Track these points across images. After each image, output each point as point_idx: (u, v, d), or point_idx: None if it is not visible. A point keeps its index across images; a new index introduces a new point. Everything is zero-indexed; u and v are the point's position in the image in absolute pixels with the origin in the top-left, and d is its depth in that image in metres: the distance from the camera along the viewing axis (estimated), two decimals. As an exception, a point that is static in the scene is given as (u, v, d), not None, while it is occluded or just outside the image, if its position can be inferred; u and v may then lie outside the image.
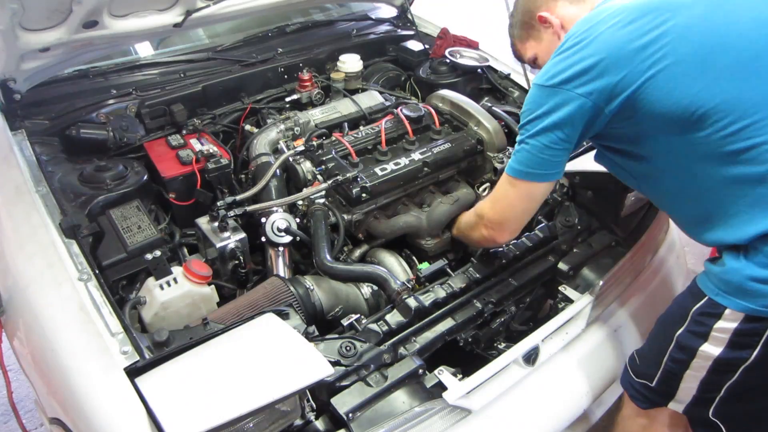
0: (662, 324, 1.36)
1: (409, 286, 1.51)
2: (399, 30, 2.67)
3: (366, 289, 1.65)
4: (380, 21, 2.70)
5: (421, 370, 1.35)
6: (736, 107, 1.12)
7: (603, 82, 1.18)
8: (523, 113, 1.30)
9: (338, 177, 1.70)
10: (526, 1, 1.49)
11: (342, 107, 2.17)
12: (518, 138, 1.32)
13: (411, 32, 2.65)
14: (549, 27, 1.44)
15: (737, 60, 1.14)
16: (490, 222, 1.46)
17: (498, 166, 1.93)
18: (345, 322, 1.42)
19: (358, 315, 1.44)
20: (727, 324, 1.16)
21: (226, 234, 1.63)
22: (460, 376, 1.35)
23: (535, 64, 1.56)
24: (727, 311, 1.15)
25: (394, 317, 1.42)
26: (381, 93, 2.30)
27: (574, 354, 1.54)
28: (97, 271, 1.37)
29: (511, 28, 1.59)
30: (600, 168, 1.49)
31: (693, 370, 1.24)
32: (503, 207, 1.42)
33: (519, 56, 1.63)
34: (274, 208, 1.71)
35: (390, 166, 1.79)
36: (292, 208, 1.78)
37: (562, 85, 1.21)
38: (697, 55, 1.14)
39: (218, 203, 1.66)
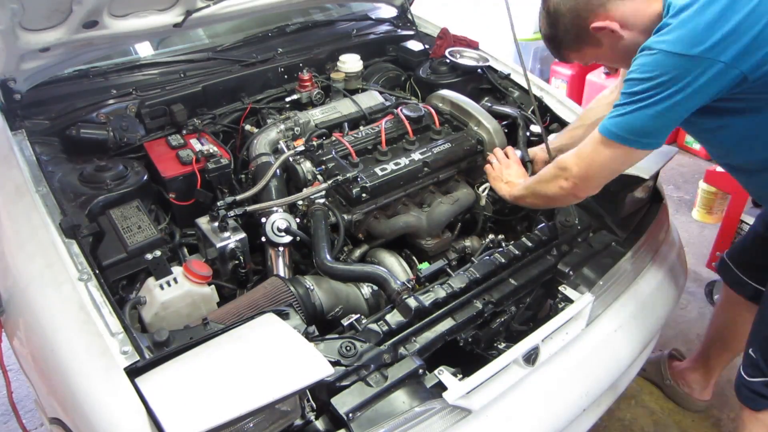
0: None
1: (409, 286, 1.51)
2: (399, 30, 2.67)
3: (366, 289, 1.65)
4: (380, 21, 2.70)
5: (421, 370, 1.34)
6: None
7: (757, 48, 1.13)
8: (643, 79, 1.22)
9: (338, 177, 1.70)
10: (571, 16, 1.36)
11: (342, 107, 2.17)
12: (626, 100, 1.26)
13: (411, 32, 2.65)
14: (607, 32, 1.34)
15: None
16: (574, 177, 1.42)
17: (498, 166, 1.93)
18: (345, 322, 1.42)
19: (358, 315, 1.44)
20: None
21: (226, 234, 1.63)
22: (460, 376, 1.35)
23: (606, 65, 1.50)
24: None
25: (394, 317, 1.42)
26: (381, 93, 2.30)
27: (574, 354, 1.54)
28: (97, 271, 1.36)
29: (555, 41, 1.46)
30: None
31: None
32: (592, 166, 1.38)
33: (569, 61, 1.57)
34: (274, 208, 1.71)
35: (390, 166, 1.79)
36: (292, 208, 1.78)
37: (706, 52, 1.14)
38: None
39: (218, 203, 1.66)
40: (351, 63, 2.34)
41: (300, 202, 1.76)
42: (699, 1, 1.18)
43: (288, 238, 1.68)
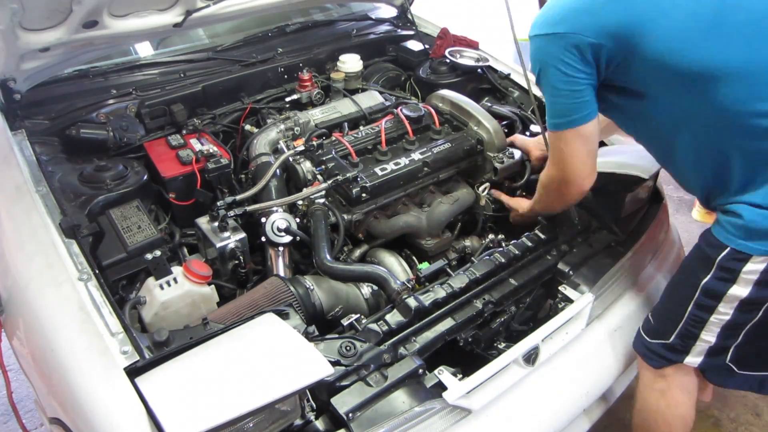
0: (681, 280, 1.47)
1: (409, 286, 1.51)
2: (399, 30, 2.67)
3: (366, 289, 1.65)
4: (380, 21, 2.70)
5: (421, 370, 1.35)
6: (753, 69, 1.19)
7: (596, 18, 1.24)
8: (533, 67, 1.36)
9: (338, 177, 1.70)
10: None
11: (342, 107, 2.17)
12: (543, 93, 1.38)
13: (411, 32, 2.65)
14: None
15: (748, 19, 1.20)
16: (564, 178, 1.47)
17: (498, 166, 1.93)
18: (345, 322, 1.42)
19: (358, 315, 1.44)
20: (754, 266, 1.27)
21: (226, 234, 1.63)
22: (460, 376, 1.35)
23: None
24: (752, 258, 1.27)
25: (394, 317, 1.42)
26: (381, 93, 2.30)
27: (574, 354, 1.54)
28: (97, 271, 1.36)
29: None
30: (600, 168, 1.49)
31: (718, 314, 1.36)
32: (566, 160, 1.44)
33: None
34: (274, 208, 1.71)
35: (390, 166, 1.79)
36: (292, 208, 1.78)
37: (552, 28, 1.28)
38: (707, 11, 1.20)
39: (218, 203, 1.66)
40: (351, 63, 2.34)
41: (300, 202, 1.76)
42: None
43: (288, 238, 1.68)
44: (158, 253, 1.53)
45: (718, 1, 1.21)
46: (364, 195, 1.71)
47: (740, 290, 1.31)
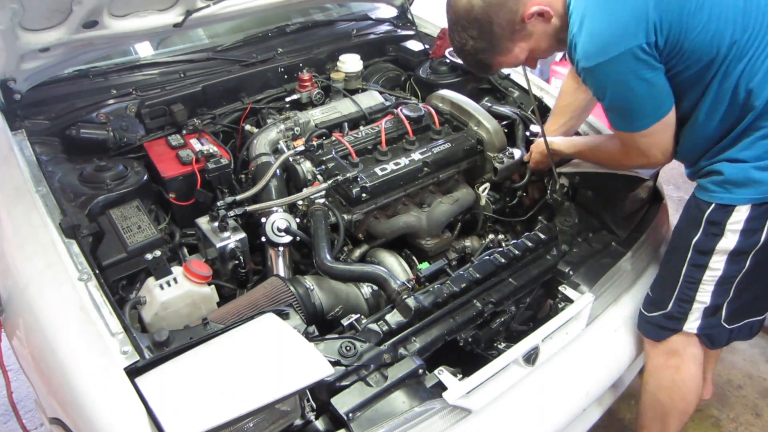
0: (672, 247, 1.57)
1: (409, 286, 1.50)
2: (399, 30, 2.67)
3: (366, 289, 1.65)
4: (380, 21, 2.70)
5: (421, 370, 1.35)
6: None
7: (646, 21, 1.26)
8: (603, 93, 1.38)
9: (338, 177, 1.70)
10: (498, 14, 1.40)
11: (342, 107, 2.17)
12: (616, 110, 1.41)
13: (411, 32, 2.65)
14: (537, 19, 1.40)
15: None
16: (650, 163, 1.51)
17: (498, 166, 1.93)
18: (345, 322, 1.42)
19: (358, 315, 1.44)
20: (738, 215, 1.37)
21: (226, 234, 1.63)
22: (460, 376, 1.35)
23: (531, 61, 1.52)
24: (736, 207, 1.37)
25: (394, 317, 1.42)
26: (381, 93, 2.30)
27: (574, 354, 1.54)
28: (97, 271, 1.36)
29: (483, 53, 1.48)
30: (599, 168, 1.50)
31: (710, 270, 1.45)
32: (653, 151, 1.45)
33: (496, 71, 1.67)
34: (274, 208, 1.71)
35: (390, 166, 1.79)
36: (292, 208, 1.78)
37: (617, 50, 1.28)
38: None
39: (218, 203, 1.66)
40: (351, 63, 2.34)
41: (300, 202, 1.76)
42: (590, 9, 1.31)
43: (288, 238, 1.68)
44: (158, 253, 1.53)
45: None
46: (364, 195, 1.71)
47: (728, 242, 1.40)
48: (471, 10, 1.40)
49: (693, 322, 1.54)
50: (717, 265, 1.45)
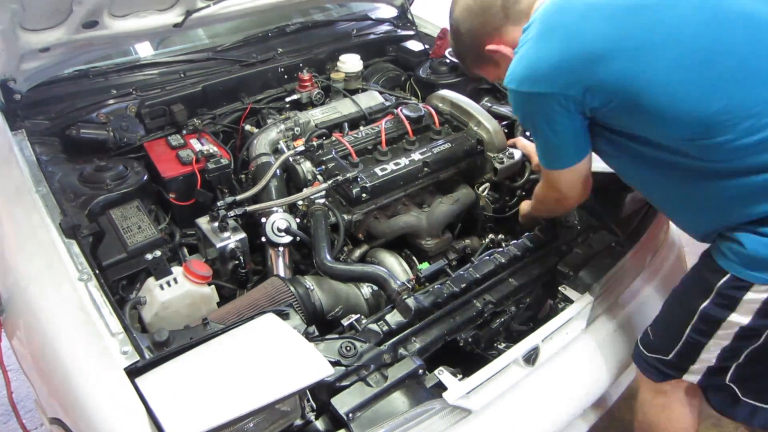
0: (680, 300, 1.43)
1: (409, 286, 1.50)
2: (399, 30, 2.67)
3: (366, 289, 1.65)
4: (380, 21, 2.70)
5: (421, 370, 1.34)
6: (741, 108, 1.14)
7: (582, 73, 1.19)
8: (518, 115, 1.40)
9: (338, 177, 1.70)
10: (468, 38, 1.45)
11: (342, 107, 2.17)
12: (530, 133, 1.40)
13: (411, 32, 2.65)
14: (501, 55, 1.42)
15: (737, 62, 1.15)
16: (560, 199, 1.50)
17: (498, 166, 1.93)
18: (345, 322, 1.42)
19: (358, 315, 1.44)
20: (756, 295, 1.22)
21: (226, 234, 1.63)
22: (460, 376, 1.35)
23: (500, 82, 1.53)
24: (753, 286, 1.21)
25: (394, 317, 1.42)
26: (381, 93, 2.29)
27: (574, 354, 1.54)
28: (97, 271, 1.36)
29: (460, 57, 1.58)
30: (600, 168, 1.49)
31: (717, 338, 1.32)
32: (560, 190, 1.46)
33: (477, 76, 1.67)
34: (274, 208, 1.71)
35: (390, 166, 1.79)
36: (292, 208, 1.78)
37: (531, 88, 1.25)
38: (694, 56, 1.15)
39: (218, 203, 1.66)
40: (351, 63, 2.34)
41: (300, 202, 1.76)
42: (528, 34, 1.27)
43: (288, 238, 1.68)
44: (158, 253, 1.53)
45: (703, 47, 1.16)
46: (364, 195, 1.71)
47: (740, 318, 1.26)
48: (450, 14, 1.49)
49: (694, 375, 1.42)
50: (725, 335, 1.31)
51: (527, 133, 2.09)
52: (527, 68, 1.26)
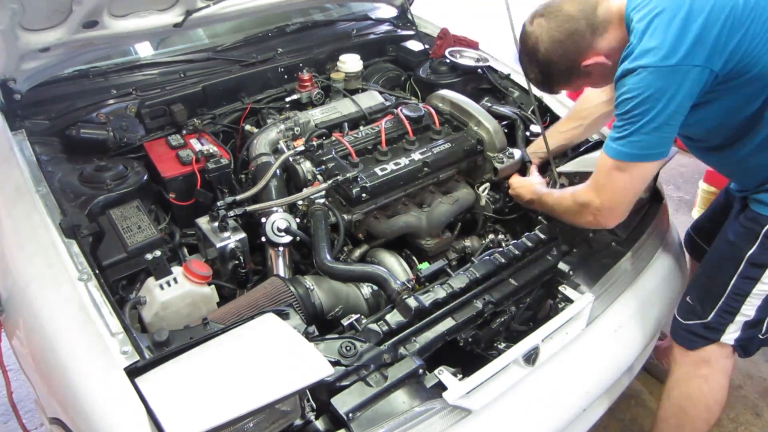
0: (723, 256, 1.54)
1: (409, 286, 1.51)
2: (399, 30, 2.67)
3: (366, 289, 1.65)
4: (380, 21, 2.70)
5: (421, 370, 1.34)
6: None
7: (723, 46, 1.26)
8: (634, 97, 1.30)
9: (338, 177, 1.70)
10: (563, 64, 1.45)
11: (342, 107, 2.17)
12: (625, 121, 1.34)
13: (411, 32, 2.65)
14: (596, 65, 1.44)
15: None
16: (600, 210, 1.46)
17: (498, 166, 1.93)
18: (345, 322, 1.42)
19: (358, 315, 1.44)
20: None
21: (226, 234, 1.63)
22: (460, 376, 1.35)
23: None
24: None
25: (394, 317, 1.42)
26: (381, 93, 2.30)
27: (574, 354, 1.54)
28: (97, 271, 1.36)
29: (545, 84, 1.56)
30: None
31: (762, 284, 1.46)
32: (615, 193, 1.43)
33: (559, 92, 1.70)
34: (274, 208, 1.71)
35: (390, 166, 1.79)
36: (292, 208, 1.78)
37: (681, 61, 1.25)
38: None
39: (218, 203, 1.66)
40: (351, 63, 2.34)
41: (300, 202, 1.76)
42: (659, 19, 1.29)
43: (288, 238, 1.68)
44: (158, 253, 1.53)
45: None
46: (364, 195, 1.71)
47: None
48: (535, 52, 1.46)
49: (732, 334, 1.54)
50: None
51: (527, 133, 2.09)
52: (664, 45, 1.27)
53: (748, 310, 1.50)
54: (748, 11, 1.27)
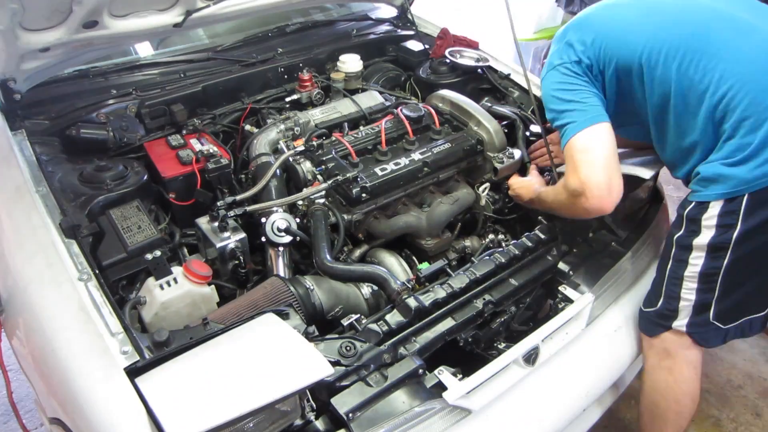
0: (664, 246, 1.61)
1: (409, 286, 1.51)
2: (399, 30, 2.67)
3: (366, 289, 1.65)
4: (380, 21, 2.70)
5: (421, 370, 1.35)
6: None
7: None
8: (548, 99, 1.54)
9: (338, 177, 1.70)
10: None
11: (342, 107, 2.17)
12: (551, 116, 1.54)
13: (411, 32, 2.65)
14: None
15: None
16: (588, 188, 1.45)
17: (498, 166, 1.93)
18: (345, 322, 1.42)
19: (358, 315, 1.44)
20: (712, 212, 1.42)
21: (226, 234, 1.63)
22: (460, 376, 1.35)
23: None
24: (710, 204, 1.42)
25: (394, 317, 1.42)
26: (381, 93, 2.30)
27: (574, 354, 1.54)
28: (97, 271, 1.36)
29: None
30: None
31: (691, 266, 1.49)
32: (591, 165, 1.46)
33: None
34: (274, 208, 1.71)
35: (390, 166, 1.79)
36: (292, 208, 1.78)
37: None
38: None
39: (218, 203, 1.66)
40: (351, 63, 2.34)
41: (300, 202, 1.76)
42: None
43: (288, 238, 1.68)
44: (158, 253, 1.53)
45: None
46: (364, 195, 1.71)
47: (704, 237, 1.45)
48: None
49: (682, 320, 1.56)
50: (696, 261, 1.48)
51: (527, 133, 2.09)
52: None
53: (688, 294, 1.52)
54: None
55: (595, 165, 1.44)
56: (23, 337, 1.37)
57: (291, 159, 1.85)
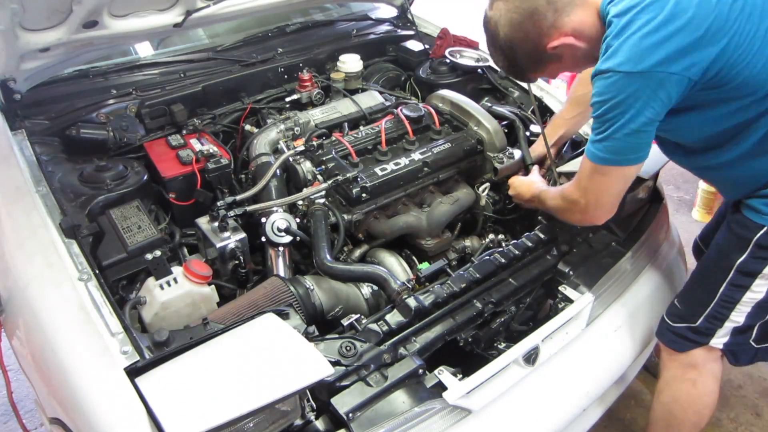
0: (713, 263, 1.52)
1: (409, 286, 1.50)
2: (399, 30, 2.67)
3: (366, 289, 1.65)
4: (380, 21, 2.70)
5: (421, 370, 1.35)
6: None
7: (704, 54, 1.19)
8: (606, 101, 1.25)
9: (338, 177, 1.70)
10: (527, 48, 1.38)
11: (342, 107, 2.17)
12: (599, 124, 1.30)
13: (411, 32, 2.65)
14: (564, 47, 1.36)
15: None
16: (587, 209, 1.45)
17: (498, 166, 1.93)
18: (345, 322, 1.42)
19: (358, 315, 1.44)
20: None
21: (226, 234, 1.63)
22: (460, 376, 1.35)
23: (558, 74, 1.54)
24: None
25: (394, 317, 1.42)
26: (381, 93, 2.30)
27: (574, 354, 1.54)
28: (97, 271, 1.37)
29: (517, 71, 1.50)
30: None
31: (752, 293, 1.43)
32: (598, 194, 1.41)
33: (535, 80, 1.64)
34: (274, 208, 1.71)
35: (390, 166, 1.79)
36: (292, 208, 1.78)
37: (655, 67, 1.19)
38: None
39: (218, 203, 1.66)
40: (351, 63, 2.34)
41: (300, 202, 1.76)
42: (637, 19, 1.21)
43: (288, 238, 1.68)
44: (158, 253, 1.53)
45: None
46: (364, 195, 1.71)
47: None
48: (496, 36, 1.39)
49: (720, 338, 1.52)
50: (760, 288, 1.42)
51: (527, 133, 2.09)
52: (639, 48, 1.21)
53: (738, 316, 1.47)
54: (732, 21, 1.19)
55: (606, 194, 1.40)
56: (23, 337, 1.37)
57: (291, 159, 1.85)
